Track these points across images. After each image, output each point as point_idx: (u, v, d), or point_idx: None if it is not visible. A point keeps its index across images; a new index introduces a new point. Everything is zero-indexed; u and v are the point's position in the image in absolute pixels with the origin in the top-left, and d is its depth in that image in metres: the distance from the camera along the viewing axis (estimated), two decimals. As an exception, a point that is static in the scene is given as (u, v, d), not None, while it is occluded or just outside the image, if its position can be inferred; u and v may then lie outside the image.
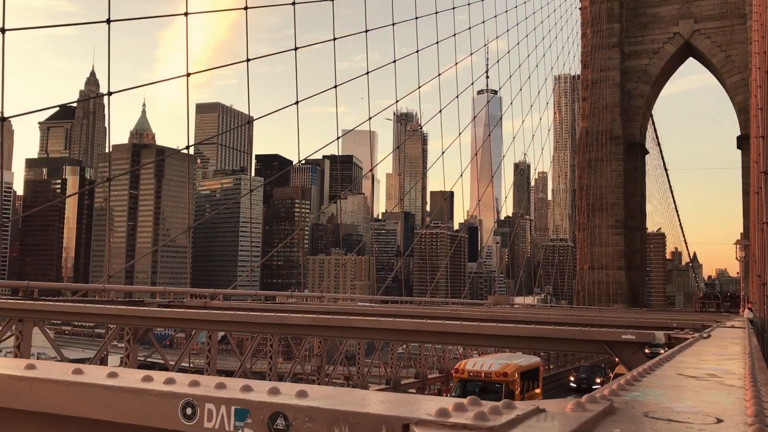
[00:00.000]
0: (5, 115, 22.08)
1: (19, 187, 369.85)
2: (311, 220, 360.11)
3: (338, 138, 40.13)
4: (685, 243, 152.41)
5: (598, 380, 40.13)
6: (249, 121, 33.13)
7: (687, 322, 14.97)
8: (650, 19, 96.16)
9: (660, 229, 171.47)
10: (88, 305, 13.67)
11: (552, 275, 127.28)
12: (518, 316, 16.63)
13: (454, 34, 49.57)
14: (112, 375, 2.54)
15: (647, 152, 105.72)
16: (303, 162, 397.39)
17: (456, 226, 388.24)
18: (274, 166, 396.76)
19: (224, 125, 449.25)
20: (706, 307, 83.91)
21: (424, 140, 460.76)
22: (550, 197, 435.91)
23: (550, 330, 9.37)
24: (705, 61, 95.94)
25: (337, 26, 36.72)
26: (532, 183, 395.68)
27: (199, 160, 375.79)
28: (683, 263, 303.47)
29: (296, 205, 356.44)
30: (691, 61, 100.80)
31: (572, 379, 42.86)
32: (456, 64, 49.15)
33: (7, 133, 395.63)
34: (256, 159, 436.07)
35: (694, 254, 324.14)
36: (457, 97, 50.66)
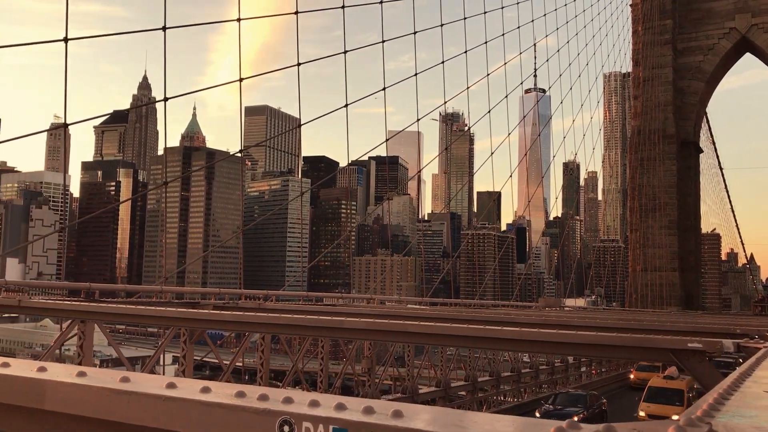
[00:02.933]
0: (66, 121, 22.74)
1: (74, 189, 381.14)
2: (358, 221, 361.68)
3: (387, 140, 40.17)
4: (742, 244, 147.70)
5: (576, 418, 25.10)
6: (298, 125, 33.37)
7: (751, 328, 14.49)
8: (704, 15, 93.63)
9: (715, 229, 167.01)
10: (149, 308, 13.99)
11: (603, 277, 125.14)
12: (574, 320, 16.36)
13: (503, 34, 49.20)
14: (206, 390, 2.58)
15: (701, 151, 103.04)
16: (349, 163, 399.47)
17: (503, 227, 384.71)
18: (320, 167, 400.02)
19: (272, 128, 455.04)
20: (765, 310, 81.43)
21: (470, 140, 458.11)
22: (600, 197, 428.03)
23: (612, 338, 9.19)
24: (763, 56, 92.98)
25: (385, 26, 36.75)
26: (582, 183, 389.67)
27: (248, 162, 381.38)
28: (739, 264, 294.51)
29: (343, 206, 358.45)
30: (748, 57, 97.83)
31: (539, 413, 29.43)
32: (505, 63, 48.77)
33: (67, 137, 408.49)
34: (303, 160, 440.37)
35: (751, 255, 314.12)
36: (506, 96, 50.25)
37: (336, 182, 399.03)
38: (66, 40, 19.85)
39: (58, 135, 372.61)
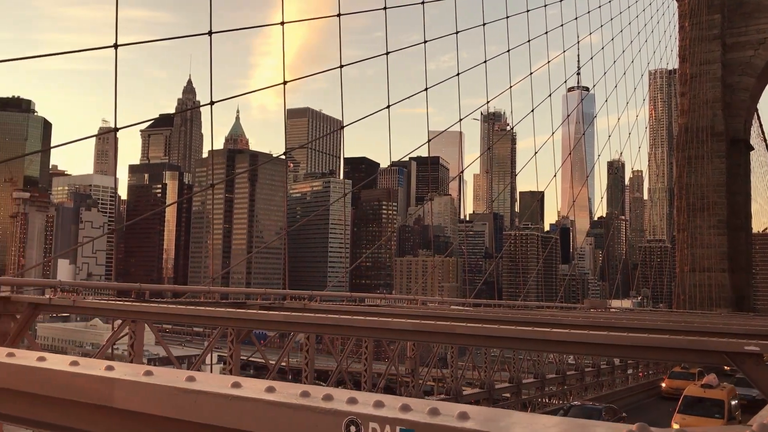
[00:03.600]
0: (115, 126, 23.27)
1: (122, 192, 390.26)
2: (399, 221, 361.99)
3: (429, 141, 40.11)
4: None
5: None
6: (341, 127, 33.56)
7: (809, 331, 14.03)
8: (755, 8, 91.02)
9: (767, 229, 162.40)
10: (199, 308, 14.25)
11: (650, 278, 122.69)
12: (622, 322, 16.08)
13: (546, 32, 48.66)
14: (270, 389, 2.62)
15: (752, 148, 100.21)
16: (390, 164, 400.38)
17: (547, 228, 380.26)
18: (361, 168, 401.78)
19: (314, 130, 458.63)
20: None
21: (512, 140, 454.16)
22: (646, 197, 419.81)
23: (663, 340, 9.00)
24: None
25: (426, 26, 36.71)
26: (627, 182, 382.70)
27: (291, 164, 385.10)
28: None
29: (384, 207, 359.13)
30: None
31: None
32: (548, 62, 48.22)
33: (113, 141, 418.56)
34: (344, 162, 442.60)
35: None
36: (550, 95, 49.68)
37: (377, 183, 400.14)
38: (116, 46, 20.32)
39: (107, 139, 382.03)
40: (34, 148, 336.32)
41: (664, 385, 41.65)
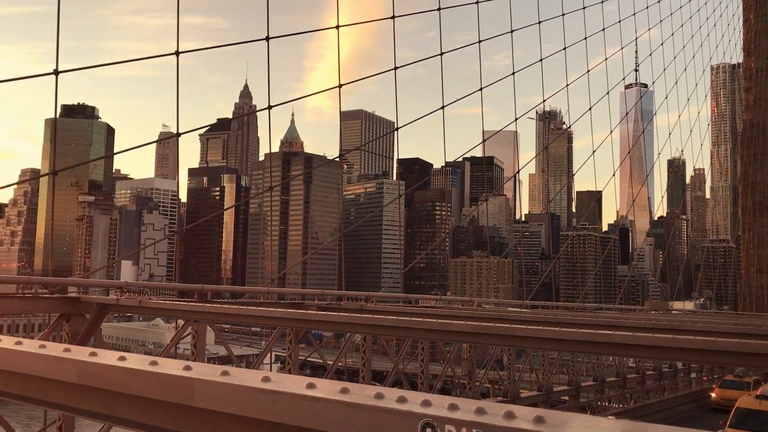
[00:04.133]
0: (175, 131, 23.89)
1: (182, 194, 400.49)
2: (453, 222, 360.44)
3: (483, 141, 39.79)
4: None
5: None
6: (396, 128, 33.63)
7: None
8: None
9: None
10: (260, 308, 14.52)
11: (713, 279, 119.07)
12: (686, 324, 15.64)
13: (603, 29, 47.72)
14: (345, 391, 2.67)
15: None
16: (443, 164, 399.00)
17: (605, 228, 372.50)
18: (414, 169, 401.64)
19: (367, 131, 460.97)
20: None
21: (569, 138, 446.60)
22: (708, 195, 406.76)
23: (734, 344, 8.73)
24: None
25: (479, 25, 36.41)
26: (689, 180, 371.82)
27: (344, 166, 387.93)
28: None
29: (437, 208, 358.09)
30: None
31: None
32: (606, 59, 47.26)
33: (173, 146, 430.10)
34: (397, 163, 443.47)
35: None
36: (608, 93, 48.69)
37: (430, 184, 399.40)
38: (177, 53, 20.87)
39: (167, 143, 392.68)
40: (98, 153, 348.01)
41: (713, 395, 38.07)
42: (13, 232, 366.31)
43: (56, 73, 17.34)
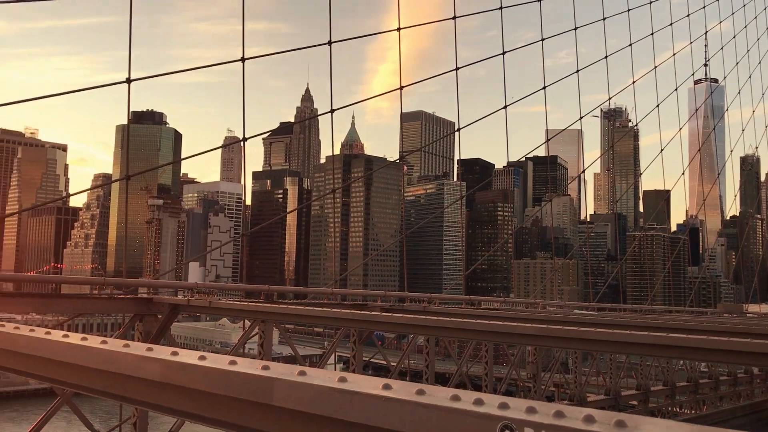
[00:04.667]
0: (240, 136, 24.43)
1: (246, 197, 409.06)
2: (515, 223, 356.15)
3: (547, 140, 39.23)
4: None
5: None
6: (457, 129, 33.47)
7: None
8: None
9: None
10: (325, 309, 14.72)
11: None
12: (764, 328, 15.03)
13: (671, 23, 46.34)
14: (421, 392, 2.71)
15: None
16: (505, 164, 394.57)
17: (673, 228, 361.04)
18: (476, 170, 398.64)
19: (427, 132, 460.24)
20: None
21: (635, 136, 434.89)
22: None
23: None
24: None
25: (542, 22, 35.91)
26: (763, 178, 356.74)
27: (405, 167, 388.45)
28: None
29: (499, 209, 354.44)
30: None
31: None
32: (674, 54, 45.87)
33: (238, 149, 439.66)
34: (457, 163, 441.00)
35: None
36: (676, 89, 47.23)
37: (492, 184, 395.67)
38: (243, 59, 21.34)
39: (232, 148, 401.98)
40: (166, 158, 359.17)
41: None
42: (87, 234, 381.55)
43: (128, 81, 17.99)
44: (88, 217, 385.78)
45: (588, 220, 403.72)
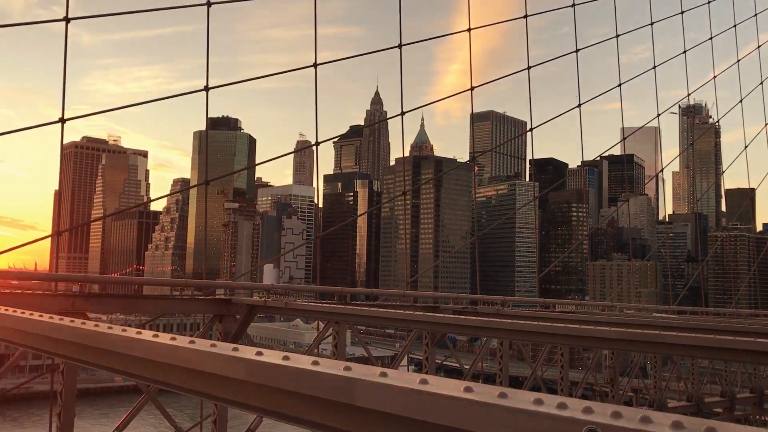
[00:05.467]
0: (312, 140, 24.83)
1: (318, 200, 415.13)
2: (590, 224, 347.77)
3: (623, 139, 38.18)
4: None
5: None
6: (530, 129, 33.00)
7: None
8: None
9: None
10: (398, 311, 14.81)
11: None
12: None
13: (756, 14, 44.32)
14: (503, 395, 2.71)
15: None
16: (579, 164, 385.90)
17: (759, 227, 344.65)
18: (548, 170, 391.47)
19: (498, 133, 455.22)
20: None
21: (716, 133, 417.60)
22: None
23: None
24: None
25: (616, 18, 35.03)
26: None
27: (476, 168, 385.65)
28: None
29: (573, 209, 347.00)
30: None
31: None
32: (759, 47, 43.83)
33: (310, 153, 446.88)
34: (529, 163, 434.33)
35: None
36: (761, 83, 45.10)
37: (566, 184, 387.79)
38: (315, 65, 21.70)
39: (304, 152, 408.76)
40: (241, 162, 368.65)
41: None
42: (167, 237, 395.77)
43: (206, 89, 18.60)
44: (168, 220, 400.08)
45: (667, 220, 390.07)
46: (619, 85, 32.27)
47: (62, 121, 15.31)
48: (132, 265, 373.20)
